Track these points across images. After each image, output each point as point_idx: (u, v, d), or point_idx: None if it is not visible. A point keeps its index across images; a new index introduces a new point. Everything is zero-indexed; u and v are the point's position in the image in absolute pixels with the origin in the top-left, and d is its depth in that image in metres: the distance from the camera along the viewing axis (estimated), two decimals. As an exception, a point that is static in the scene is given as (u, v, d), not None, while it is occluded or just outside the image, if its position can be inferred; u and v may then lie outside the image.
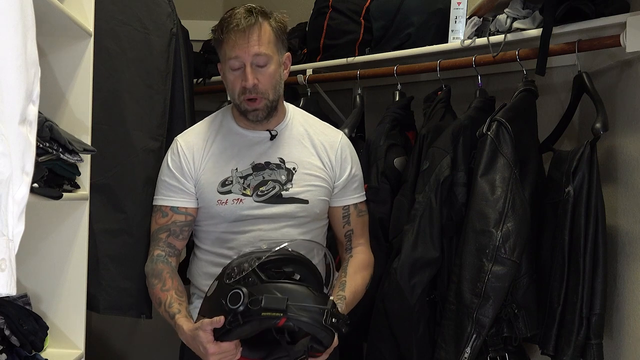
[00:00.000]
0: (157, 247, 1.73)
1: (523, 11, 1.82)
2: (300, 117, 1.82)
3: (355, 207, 1.82)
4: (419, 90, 2.23)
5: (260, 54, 1.64)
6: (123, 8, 1.95)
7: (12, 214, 0.79)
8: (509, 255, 1.68)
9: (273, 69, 1.68)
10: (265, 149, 1.74)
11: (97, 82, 1.80)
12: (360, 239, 1.84)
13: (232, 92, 1.70)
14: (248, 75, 1.64)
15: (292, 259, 1.49)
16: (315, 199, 1.73)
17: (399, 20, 2.20)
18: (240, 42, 1.63)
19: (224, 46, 1.66)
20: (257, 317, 1.37)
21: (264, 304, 1.36)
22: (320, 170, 1.75)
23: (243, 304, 1.38)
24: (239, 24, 1.63)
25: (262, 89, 1.66)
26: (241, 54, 1.64)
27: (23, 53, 0.82)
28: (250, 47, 1.63)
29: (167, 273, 1.68)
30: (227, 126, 1.78)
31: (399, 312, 1.83)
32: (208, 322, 1.44)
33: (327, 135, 1.81)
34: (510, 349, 1.78)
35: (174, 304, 1.61)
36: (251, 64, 1.64)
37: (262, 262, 1.43)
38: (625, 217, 1.71)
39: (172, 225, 1.73)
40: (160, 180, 1.77)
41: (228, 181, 1.71)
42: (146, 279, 1.72)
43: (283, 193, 1.70)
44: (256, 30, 1.64)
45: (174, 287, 1.65)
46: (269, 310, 1.36)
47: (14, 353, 1.52)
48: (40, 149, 1.44)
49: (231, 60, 1.65)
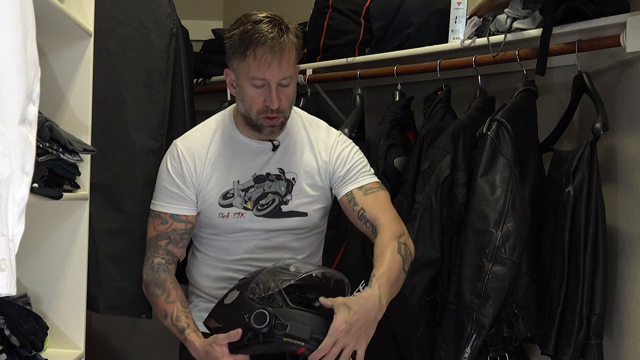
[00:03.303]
0: (157, 255, 1.69)
1: (523, 11, 1.82)
2: (300, 120, 1.79)
3: (360, 189, 1.70)
4: (419, 90, 2.23)
5: (287, 76, 1.58)
6: (123, 8, 1.95)
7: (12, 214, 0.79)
8: (509, 255, 1.68)
9: (293, 87, 1.63)
10: (266, 159, 1.71)
11: (97, 82, 1.80)
12: (379, 215, 1.65)
13: (250, 107, 1.62)
14: (274, 97, 1.58)
15: (316, 286, 1.49)
16: (313, 210, 1.72)
17: (399, 20, 2.20)
18: (272, 65, 1.55)
19: (249, 62, 1.56)
20: (278, 341, 1.40)
21: (289, 330, 1.39)
22: (318, 174, 1.73)
23: (268, 326, 1.39)
24: (270, 44, 1.54)
25: (283, 108, 1.62)
26: (270, 76, 1.56)
27: (23, 53, 0.82)
28: (281, 71, 1.56)
29: (171, 283, 1.65)
30: (228, 133, 1.73)
31: (399, 312, 1.83)
32: (224, 336, 1.44)
33: (325, 138, 1.77)
34: (510, 349, 1.78)
35: (182, 317, 1.59)
36: (277, 84, 1.58)
37: (289, 285, 1.45)
38: (625, 217, 1.71)
39: (172, 233, 1.70)
40: (160, 185, 1.73)
41: (229, 194, 1.68)
42: (146, 287, 1.69)
43: (282, 207, 1.69)
44: (286, 52, 1.56)
45: (179, 298, 1.63)
46: (291, 337, 1.39)
47: (14, 353, 1.51)
48: (40, 149, 1.44)
49: (257, 80, 1.57)
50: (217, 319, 1.51)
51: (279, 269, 1.50)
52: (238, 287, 1.51)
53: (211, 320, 1.54)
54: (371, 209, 1.67)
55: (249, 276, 1.53)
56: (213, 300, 1.64)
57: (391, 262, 1.51)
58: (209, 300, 1.71)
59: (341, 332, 1.36)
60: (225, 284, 1.67)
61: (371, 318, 1.41)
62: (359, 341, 1.39)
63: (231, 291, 1.52)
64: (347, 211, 1.73)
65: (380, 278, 1.47)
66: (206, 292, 1.74)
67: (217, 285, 1.71)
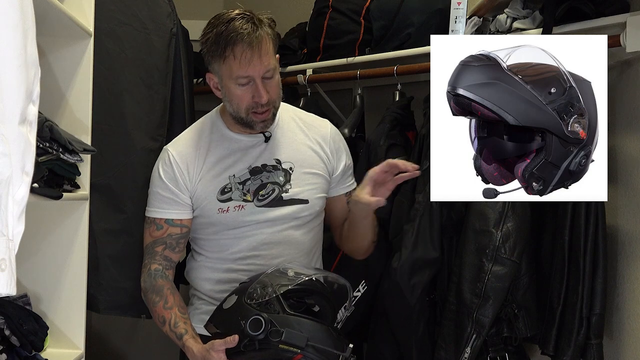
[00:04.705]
0: (154, 261, 1.69)
1: (523, 11, 1.82)
2: (287, 112, 1.80)
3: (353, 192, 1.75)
4: (419, 90, 2.23)
5: (269, 69, 1.59)
6: (123, 8, 1.95)
7: (12, 214, 0.79)
8: (509, 255, 1.68)
9: (277, 77, 1.64)
10: (260, 151, 1.71)
11: (97, 82, 1.80)
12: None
13: (238, 106, 1.62)
14: (262, 92, 1.58)
15: (315, 291, 1.49)
16: (314, 197, 1.72)
17: (399, 20, 2.20)
18: (253, 61, 1.55)
19: (229, 63, 1.57)
20: (274, 348, 1.40)
21: (284, 337, 1.39)
22: (317, 163, 1.74)
23: (263, 332, 1.39)
24: (246, 40, 1.54)
25: (272, 100, 1.62)
26: (253, 72, 1.57)
27: (23, 53, 0.82)
28: (262, 65, 1.57)
29: (168, 289, 1.65)
30: (218, 132, 1.73)
31: (399, 312, 1.83)
32: (221, 342, 1.44)
33: (317, 127, 1.80)
34: (510, 349, 1.78)
35: (180, 323, 1.60)
36: (262, 78, 1.59)
37: (287, 290, 1.45)
38: (625, 217, 1.71)
39: (167, 238, 1.69)
40: (153, 192, 1.72)
41: (227, 188, 1.68)
42: (144, 294, 1.69)
43: (283, 195, 1.69)
44: (263, 44, 1.57)
45: (177, 304, 1.63)
46: (287, 344, 1.39)
47: (14, 353, 1.52)
48: (40, 149, 1.44)
49: (241, 78, 1.58)
50: (216, 324, 1.51)
51: (278, 272, 1.50)
52: (236, 292, 1.51)
53: (210, 325, 1.54)
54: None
55: (248, 280, 1.53)
56: (214, 303, 1.64)
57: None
58: (210, 303, 1.71)
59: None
60: (227, 286, 1.66)
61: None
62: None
63: (230, 295, 1.52)
64: (338, 208, 1.79)
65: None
66: (207, 294, 1.74)
67: (219, 288, 1.71)
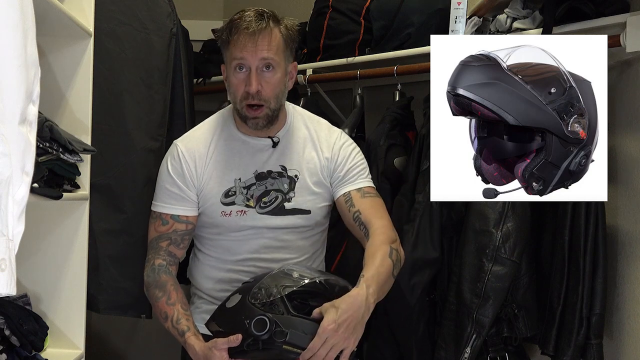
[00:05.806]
0: (158, 256, 1.68)
1: (523, 11, 1.82)
2: (301, 117, 1.79)
3: (358, 191, 1.70)
4: (419, 90, 2.23)
5: (267, 58, 1.59)
6: (123, 8, 1.95)
7: (12, 214, 0.79)
8: (509, 255, 1.68)
9: (278, 77, 1.63)
10: (267, 156, 1.71)
11: (97, 82, 1.80)
12: (373, 219, 1.65)
13: (234, 96, 1.64)
14: (252, 80, 1.59)
15: (318, 293, 1.48)
16: (316, 208, 1.71)
17: (399, 20, 2.20)
18: (249, 45, 1.58)
19: (231, 47, 1.61)
20: (278, 349, 1.40)
21: (289, 338, 1.39)
22: (321, 170, 1.73)
23: (268, 332, 1.40)
24: (249, 27, 1.57)
25: (265, 96, 1.61)
26: (248, 56, 1.59)
27: (23, 53, 0.82)
28: (258, 51, 1.58)
29: (172, 285, 1.64)
30: (228, 131, 1.73)
31: (399, 312, 1.83)
32: (224, 341, 1.44)
33: (327, 135, 1.77)
34: (510, 349, 1.78)
35: (182, 320, 1.59)
36: (257, 68, 1.60)
37: (291, 292, 1.45)
38: (625, 217, 1.71)
39: (172, 234, 1.69)
40: (160, 186, 1.72)
41: (231, 192, 1.68)
42: (147, 289, 1.68)
43: (286, 205, 1.68)
44: (266, 35, 1.59)
45: (179, 300, 1.62)
46: (291, 345, 1.39)
47: (14, 353, 1.52)
48: (40, 149, 1.44)
49: (236, 61, 1.60)
50: (218, 323, 1.51)
51: (282, 274, 1.50)
52: (240, 291, 1.50)
53: (212, 324, 1.53)
54: (367, 212, 1.66)
55: (252, 280, 1.53)
56: (215, 302, 1.64)
57: (381, 266, 1.51)
58: (211, 302, 1.71)
59: (330, 331, 1.36)
60: (228, 285, 1.66)
61: (359, 317, 1.41)
62: (347, 340, 1.39)
63: (233, 294, 1.52)
64: (342, 212, 1.72)
65: (369, 279, 1.47)
66: (208, 293, 1.74)
67: (220, 287, 1.71)
